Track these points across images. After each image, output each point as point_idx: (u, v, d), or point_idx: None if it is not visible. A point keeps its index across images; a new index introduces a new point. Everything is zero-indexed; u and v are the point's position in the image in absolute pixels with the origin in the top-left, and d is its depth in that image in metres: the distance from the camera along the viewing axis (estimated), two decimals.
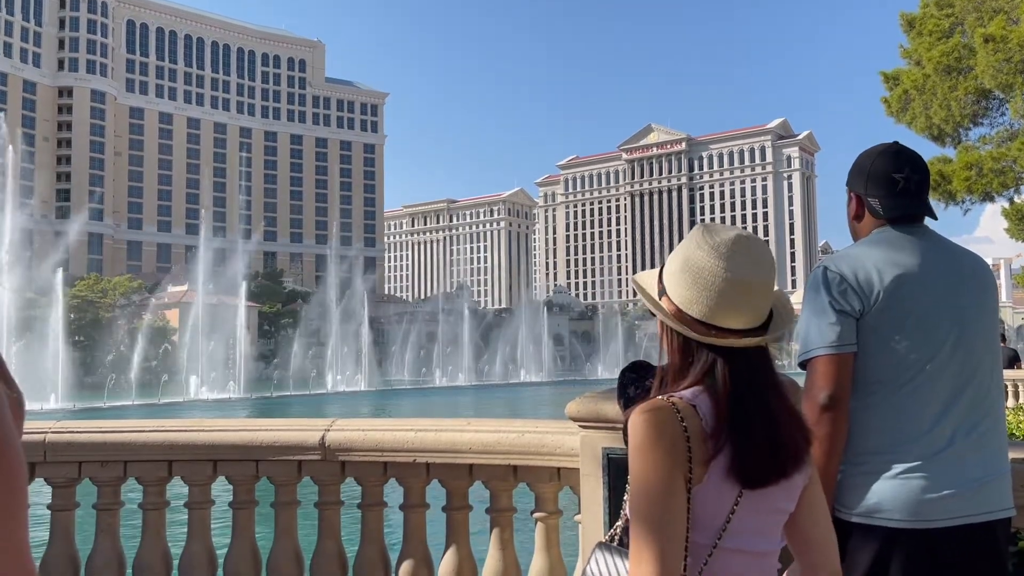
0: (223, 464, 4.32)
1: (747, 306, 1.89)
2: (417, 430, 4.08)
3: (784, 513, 1.94)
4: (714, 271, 1.88)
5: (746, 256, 1.90)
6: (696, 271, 1.91)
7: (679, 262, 1.95)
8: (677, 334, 1.95)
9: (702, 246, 1.92)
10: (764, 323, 1.94)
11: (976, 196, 19.37)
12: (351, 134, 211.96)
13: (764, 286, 1.91)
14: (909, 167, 2.85)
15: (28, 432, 4.26)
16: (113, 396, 66.49)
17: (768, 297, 1.93)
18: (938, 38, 19.99)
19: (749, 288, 1.88)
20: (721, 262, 1.88)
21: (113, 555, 4.32)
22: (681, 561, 1.79)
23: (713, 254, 1.90)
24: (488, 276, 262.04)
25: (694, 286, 1.90)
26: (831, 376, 2.63)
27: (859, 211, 2.94)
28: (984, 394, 2.71)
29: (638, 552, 1.77)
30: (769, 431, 1.85)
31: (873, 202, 2.87)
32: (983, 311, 2.78)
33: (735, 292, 1.87)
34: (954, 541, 2.56)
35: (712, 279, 1.88)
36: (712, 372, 1.89)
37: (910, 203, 2.84)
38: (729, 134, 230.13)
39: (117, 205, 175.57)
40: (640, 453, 1.81)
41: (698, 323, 1.90)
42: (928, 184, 2.91)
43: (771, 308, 1.96)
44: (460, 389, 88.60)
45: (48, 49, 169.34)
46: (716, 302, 1.88)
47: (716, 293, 1.88)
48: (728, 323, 1.88)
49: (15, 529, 1.18)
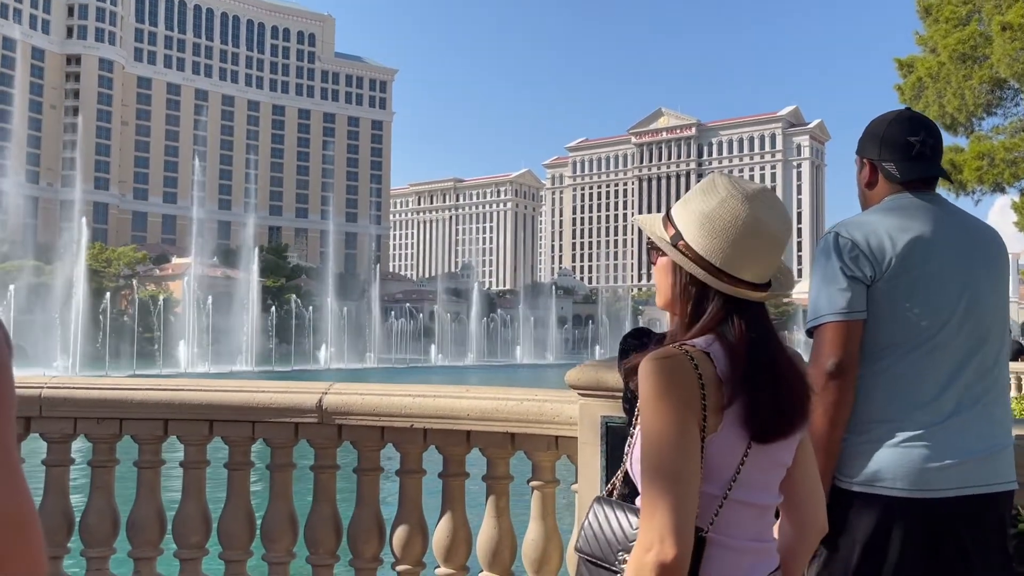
0: (219, 424, 4.29)
1: (767, 259, 1.88)
2: (415, 395, 4.04)
3: (784, 467, 1.92)
4: (747, 220, 1.85)
5: (774, 208, 1.89)
6: (727, 219, 1.86)
7: (704, 209, 1.89)
8: (689, 281, 1.89)
9: (733, 195, 1.87)
10: (767, 284, 1.92)
11: (987, 186, 19.24)
12: (359, 110, 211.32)
13: (785, 240, 1.91)
14: (924, 131, 2.80)
15: (23, 387, 4.24)
16: (114, 367, 66.79)
17: (782, 253, 1.93)
18: (955, 25, 19.77)
19: (775, 241, 1.87)
20: (754, 211, 1.85)
21: (107, 512, 4.30)
22: (695, 511, 1.75)
23: (747, 204, 1.86)
24: (493, 257, 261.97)
25: (721, 234, 1.85)
26: (839, 343, 2.59)
27: (872, 177, 2.88)
28: (991, 364, 2.67)
29: (652, 503, 1.72)
30: (780, 386, 1.84)
31: (888, 167, 2.80)
32: (994, 281, 2.73)
33: (761, 243, 1.86)
34: (956, 511, 2.53)
35: (743, 228, 1.84)
36: (725, 322, 1.86)
37: (927, 166, 2.79)
38: (739, 120, 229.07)
39: (123, 175, 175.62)
40: (653, 402, 1.76)
41: (718, 271, 1.86)
42: (942, 149, 2.86)
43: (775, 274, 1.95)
44: (462, 369, 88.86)
45: (57, 16, 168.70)
46: (743, 252, 1.85)
47: (744, 242, 1.85)
48: (743, 273, 1.86)
49: (11, 449, 1.22)
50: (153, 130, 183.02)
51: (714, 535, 1.81)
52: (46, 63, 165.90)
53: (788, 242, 1.93)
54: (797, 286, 65.96)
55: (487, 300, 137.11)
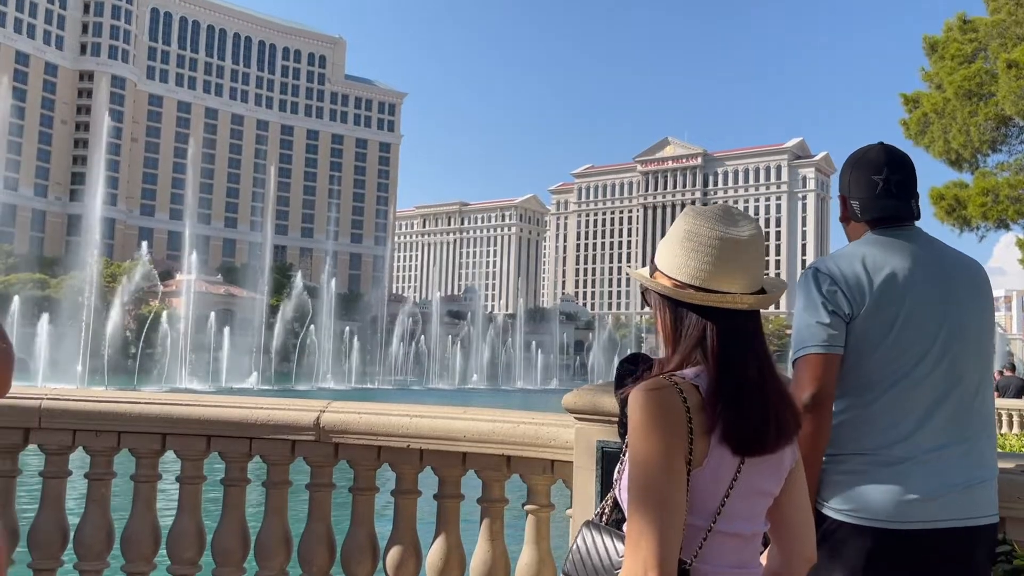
0: (217, 440, 4.29)
1: (738, 265, 1.90)
2: (412, 415, 4.05)
3: (770, 496, 1.93)
4: (701, 232, 1.91)
5: (730, 217, 1.94)
6: (684, 236, 1.93)
7: (668, 237, 1.99)
8: (668, 306, 1.94)
9: (687, 215, 1.98)
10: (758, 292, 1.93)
11: (991, 222, 19.28)
12: (367, 132, 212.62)
13: (753, 244, 1.92)
14: (888, 168, 2.80)
15: (23, 397, 4.25)
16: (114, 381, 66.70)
17: (759, 259, 1.94)
18: (960, 62, 19.92)
19: (738, 245, 1.90)
20: (708, 223, 1.93)
21: (102, 525, 4.29)
22: (679, 541, 1.75)
23: (699, 218, 1.95)
24: (497, 281, 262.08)
25: (683, 251, 1.92)
26: (816, 375, 2.60)
27: (844, 214, 2.92)
28: (971, 399, 2.68)
29: (637, 533, 1.73)
30: (756, 398, 1.84)
31: (855, 204, 2.84)
32: (974, 315, 2.74)
33: (724, 250, 1.89)
34: (934, 544, 2.52)
35: (700, 239, 1.91)
36: (704, 339, 1.87)
37: (891, 204, 2.79)
38: (746, 151, 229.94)
39: (131, 191, 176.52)
40: (641, 432, 1.78)
41: (691, 287, 1.90)
42: (912, 184, 2.85)
43: (762, 285, 1.96)
44: (462, 392, 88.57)
45: (71, 32, 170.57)
46: (707, 263, 1.89)
47: (705, 254, 1.89)
48: (721, 285, 1.88)
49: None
50: (162, 147, 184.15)
51: (699, 565, 1.82)
52: (59, 78, 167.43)
53: (760, 248, 1.95)
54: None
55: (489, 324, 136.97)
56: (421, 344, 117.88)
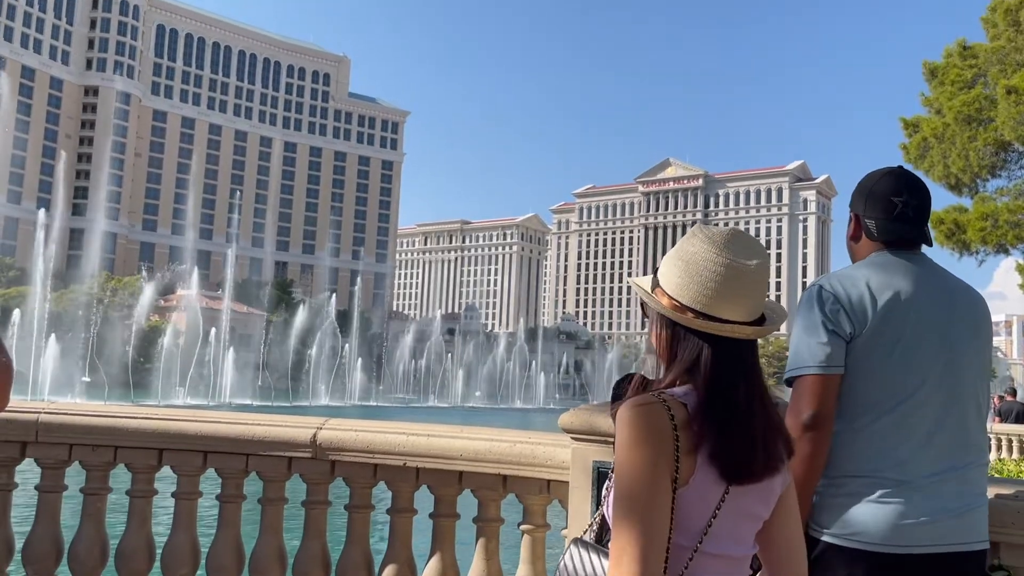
0: (214, 456, 4.29)
1: (740, 294, 1.87)
2: (409, 434, 4.05)
3: (759, 519, 1.91)
4: (707, 257, 1.88)
5: (739, 244, 1.91)
6: (689, 259, 1.90)
7: (673, 254, 1.96)
8: (667, 326, 1.93)
9: (696, 235, 1.94)
10: (758, 320, 1.92)
11: (991, 247, 19.32)
12: (370, 150, 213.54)
13: (757, 275, 1.89)
14: (908, 192, 2.83)
15: (22, 411, 4.26)
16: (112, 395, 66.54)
17: (763, 290, 1.92)
18: (960, 88, 20.05)
19: (742, 275, 1.87)
20: (714, 248, 1.89)
21: (97, 540, 4.28)
22: (663, 562, 1.73)
23: (707, 242, 1.91)
24: (497, 299, 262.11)
25: (686, 273, 1.89)
26: (816, 396, 2.61)
27: (856, 232, 2.93)
28: (969, 425, 2.69)
29: (620, 551, 1.72)
30: (745, 427, 1.82)
31: (870, 224, 2.85)
32: (974, 342, 2.75)
33: (729, 279, 1.86)
34: (927, 569, 2.52)
35: (705, 264, 1.88)
36: (698, 362, 1.86)
37: (906, 228, 2.82)
38: (747, 173, 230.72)
39: (133, 206, 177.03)
40: (626, 449, 1.77)
41: (691, 311, 1.88)
42: (928, 211, 2.88)
43: (763, 312, 1.94)
44: (459, 410, 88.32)
45: (77, 48, 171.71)
46: (710, 289, 1.86)
47: (709, 280, 1.87)
48: (722, 312, 1.86)
49: None
50: (165, 162, 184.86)
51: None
52: (64, 93, 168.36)
53: (765, 278, 1.93)
54: None
55: (489, 342, 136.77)
56: (420, 362, 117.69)
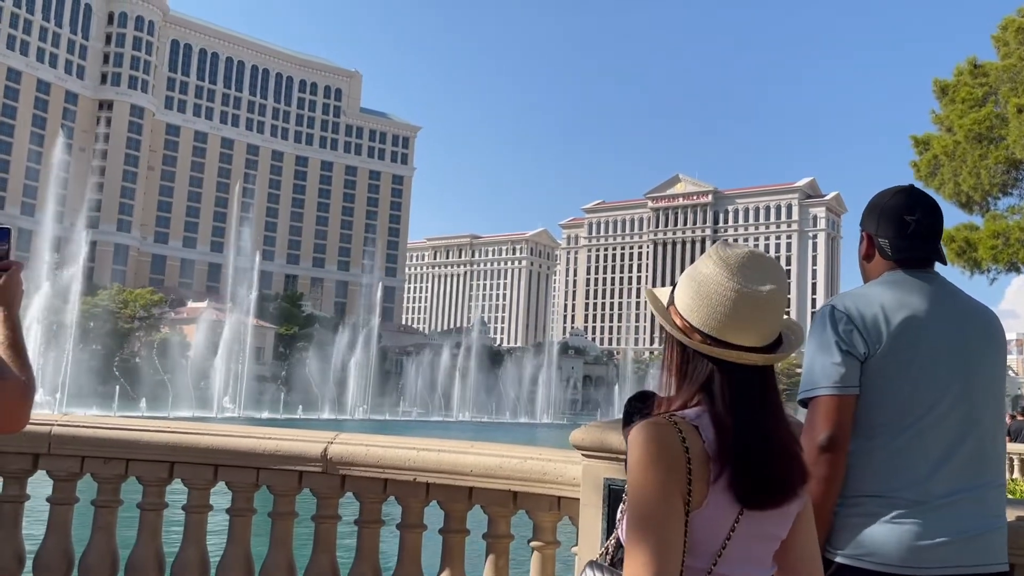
0: (224, 469, 4.30)
1: (753, 322, 1.84)
2: (420, 449, 4.05)
3: (776, 540, 1.90)
4: (719, 282, 1.84)
5: (754, 270, 1.86)
6: (701, 282, 1.87)
7: (688, 274, 1.93)
8: (677, 346, 1.91)
9: (712, 257, 1.90)
10: (772, 344, 1.89)
11: (1002, 265, 19.21)
12: (381, 164, 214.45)
13: (771, 302, 1.85)
14: (921, 210, 2.81)
15: (34, 423, 4.28)
16: (123, 407, 66.72)
17: (777, 315, 1.88)
18: (971, 106, 20.01)
19: (755, 303, 1.83)
20: (727, 274, 1.85)
21: (107, 552, 4.29)
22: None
23: (721, 265, 1.86)
24: (506, 314, 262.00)
25: (697, 295, 1.87)
26: (832, 417, 2.59)
27: (869, 251, 2.91)
28: (985, 444, 2.66)
29: (633, 571, 1.71)
30: (761, 454, 1.80)
31: (883, 242, 2.83)
32: (989, 361, 2.73)
33: (739, 306, 1.83)
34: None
35: (715, 289, 1.84)
36: (709, 386, 1.84)
37: (919, 246, 2.80)
38: (756, 189, 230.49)
39: (145, 219, 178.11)
40: (639, 470, 1.76)
41: (702, 335, 1.86)
42: (940, 229, 2.87)
43: (780, 332, 1.92)
44: (468, 424, 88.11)
45: (93, 62, 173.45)
46: (719, 314, 1.83)
47: (719, 305, 1.84)
48: (734, 338, 1.84)
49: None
50: (178, 176, 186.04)
51: None
52: (79, 107, 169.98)
53: (780, 304, 1.88)
54: None
55: (498, 357, 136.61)
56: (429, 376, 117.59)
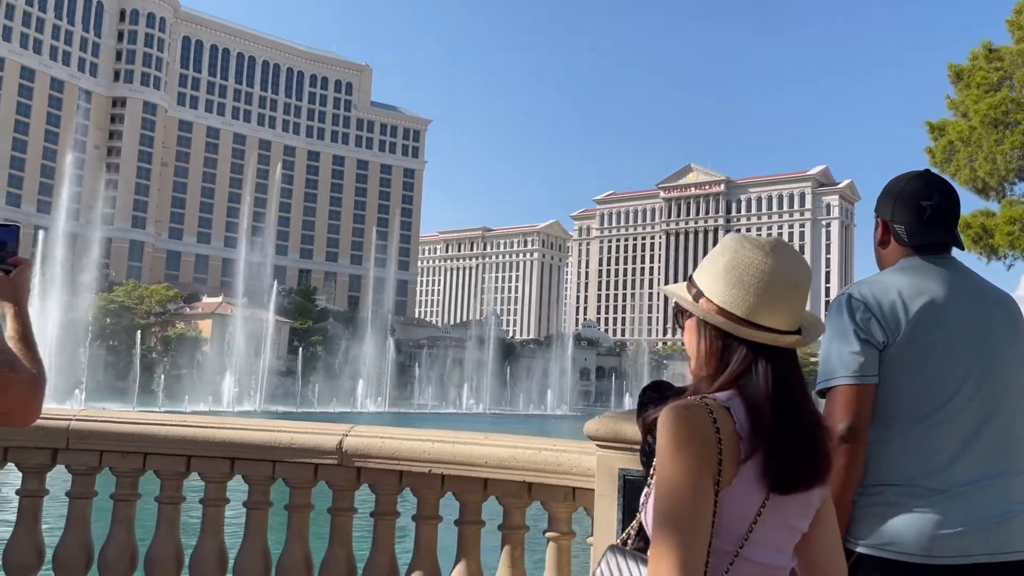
0: (241, 463, 4.33)
1: (790, 304, 1.88)
2: (434, 441, 4.07)
3: (798, 532, 1.89)
4: (762, 267, 1.87)
5: (789, 255, 1.91)
6: (743, 268, 1.89)
7: (721, 264, 1.93)
8: (715, 334, 1.90)
9: (745, 246, 1.92)
10: (797, 330, 1.92)
11: (1019, 251, 19.03)
12: (392, 158, 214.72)
13: (805, 285, 1.91)
14: (938, 194, 2.78)
15: (52, 418, 4.32)
16: (142, 402, 67.29)
17: (805, 299, 1.93)
18: (986, 91, 19.78)
19: (795, 285, 1.88)
20: (769, 259, 1.88)
21: (127, 546, 4.33)
22: (703, 566, 1.72)
23: (760, 252, 1.89)
24: (519, 306, 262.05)
25: (740, 284, 1.88)
26: (851, 406, 2.56)
27: (884, 237, 2.87)
28: (1006, 432, 2.63)
29: (659, 556, 1.70)
30: (802, 436, 1.82)
31: (899, 228, 2.80)
32: (1009, 346, 2.70)
33: (781, 288, 1.87)
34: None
35: (760, 275, 1.87)
36: (750, 371, 1.85)
37: (936, 231, 2.76)
38: (769, 178, 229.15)
39: (160, 215, 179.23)
40: (669, 452, 1.75)
41: (741, 320, 1.87)
42: (957, 213, 2.83)
43: (800, 325, 1.94)
44: (482, 416, 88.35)
45: (105, 60, 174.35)
46: (762, 298, 1.86)
47: (763, 289, 1.86)
48: (768, 320, 1.86)
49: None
50: (191, 172, 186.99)
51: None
52: (92, 104, 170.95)
53: (808, 288, 1.94)
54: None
55: (511, 349, 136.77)
56: (442, 369, 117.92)
